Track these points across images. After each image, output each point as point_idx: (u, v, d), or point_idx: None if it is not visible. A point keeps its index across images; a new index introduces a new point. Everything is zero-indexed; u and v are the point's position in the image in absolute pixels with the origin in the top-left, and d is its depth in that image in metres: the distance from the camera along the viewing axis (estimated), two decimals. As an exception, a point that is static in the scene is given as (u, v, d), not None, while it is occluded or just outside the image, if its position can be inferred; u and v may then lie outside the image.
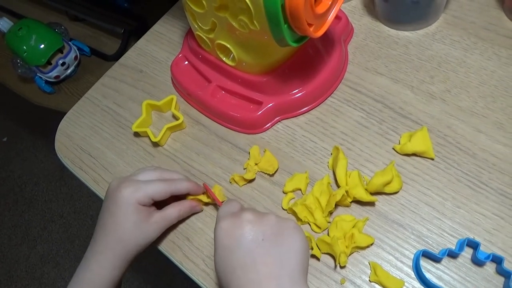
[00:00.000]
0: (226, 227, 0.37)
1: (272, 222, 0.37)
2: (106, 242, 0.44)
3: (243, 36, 0.44)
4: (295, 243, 0.37)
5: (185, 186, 0.47)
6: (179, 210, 0.47)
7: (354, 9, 0.60)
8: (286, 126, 0.53)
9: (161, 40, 0.65)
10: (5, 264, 1.49)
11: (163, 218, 0.46)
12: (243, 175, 0.49)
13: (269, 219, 0.38)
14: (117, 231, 0.43)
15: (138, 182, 0.45)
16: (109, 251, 0.43)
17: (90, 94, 0.63)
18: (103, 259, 0.43)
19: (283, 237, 0.37)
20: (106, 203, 0.45)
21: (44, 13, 1.17)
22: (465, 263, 0.41)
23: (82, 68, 1.04)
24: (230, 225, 0.37)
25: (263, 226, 0.37)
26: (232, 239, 0.37)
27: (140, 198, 0.43)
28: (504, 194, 0.43)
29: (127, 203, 0.43)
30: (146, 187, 0.44)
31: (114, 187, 0.45)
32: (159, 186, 0.45)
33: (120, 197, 0.43)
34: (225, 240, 0.37)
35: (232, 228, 0.37)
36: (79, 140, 0.59)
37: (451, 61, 0.52)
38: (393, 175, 0.44)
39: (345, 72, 0.55)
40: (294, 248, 0.36)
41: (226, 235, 0.37)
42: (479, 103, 0.49)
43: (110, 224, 0.44)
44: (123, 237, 0.43)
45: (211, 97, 0.53)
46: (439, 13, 0.55)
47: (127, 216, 0.43)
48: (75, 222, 1.51)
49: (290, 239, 0.37)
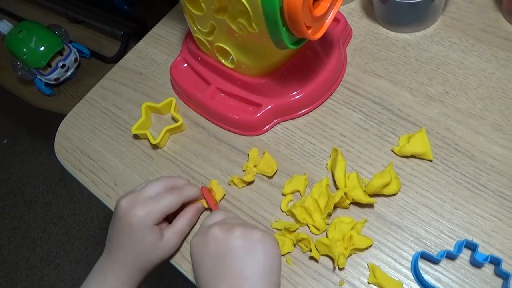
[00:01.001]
0: (197, 242, 0.41)
1: (237, 235, 0.39)
2: (124, 260, 0.44)
3: (242, 38, 0.44)
4: (259, 255, 0.38)
5: (193, 192, 0.47)
6: (188, 220, 0.47)
7: (353, 11, 0.60)
8: (285, 128, 0.53)
9: (160, 42, 0.66)
10: (5, 266, 1.49)
11: (174, 234, 0.45)
12: (242, 177, 0.49)
13: (233, 233, 0.39)
14: (135, 251, 0.44)
15: (150, 201, 0.44)
16: (127, 267, 0.44)
17: (89, 96, 0.63)
18: (120, 273, 0.44)
19: (249, 252, 0.38)
20: (120, 225, 0.44)
21: (44, 16, 1.17)
22: (463, 264, 0.41)
23: (82, 70, 1.04)
24: (200, 241, 0.40)
25: (227, 242, 0.39)
26: (200, 254, 0.40)
27: (155, 219, 0.44)
28: (503, 195, 0.43)
29: (143, 225, 0.43)
30: (159, 206, 0.44)
31: (126, 209, 0.44)
32: (170, 201, 0.45)
33: (136, 220, 0.43)
34: (195, 255, 0.41)
35: (201, 243, 0.40)
36: (78, 142, 0.59)
37: (450, 63, 0.52)
38: (392, 177, 0.44)
39: (344, 74, 0.55)
40: (257, 261, 0.38)
41: (196, 250, 0.41)
42: (477, 105, 0.49)
43: (127, 245, 0.44)
44: (141, 256, 0.44)
45: (210, 99, 0.54)
46: (437, 15, 0.55)
47: (143, 238, 0.43)
48: (75, 224, 1.51)
49: (257, 254, 0.38)
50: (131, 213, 0.43)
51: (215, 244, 0.39)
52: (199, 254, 0.40)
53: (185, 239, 0.47)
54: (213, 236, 0.39)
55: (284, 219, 0.47)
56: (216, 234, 0.39)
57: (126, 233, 0.44)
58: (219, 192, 0.49)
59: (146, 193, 0.45)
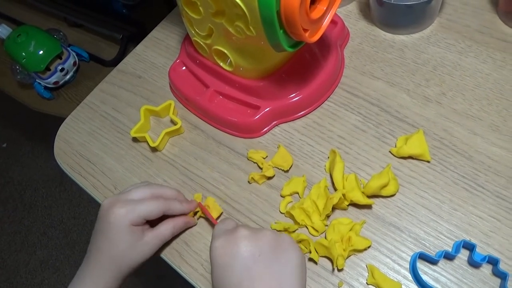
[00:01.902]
0: (221, 245, 0.37)
1: (269, 237, 0.37)
2: (100, 262, 0.43)
3: (240, 41, 0.45)
4: (293, 258, 0.36)
5: (178, 208, 0.46)
6: (172, 227, 0.46)
7: (350, 13, 0.61)
8: (284, 130, 0.53)
9: (159, 46, 0.66)
10: (5, 270, 1.48)
11: (156, 237, 0.45)
12: (264, 173, 0.49)
13: (265, 234, 0.37)
14: (111, 252, 0.43)
15: (131, 202, 0.44)
16: (103, 270, 0.43)
17: (88, 100, 0.63)
18: (97, 278, 0.43)
19: (281, 253, 0.36)
20: (99, 225, 0.44)
21: (43, 20, 1.17)
22: (461, 265, 0.41)
23: (81, 74, 1.04)
24: (225, 243, 0.37)
25: (259, 241, 0.36)
26: (227, 257, 0.36)
27: (133, 220, 0.43)
28: (500, 196, 0.43)
29: (119, 224, 0.43)
30: (139, 208, 0.43)
31: (106, 208, 0.44)
32: (152, 206, 0.44)
33: (113, 218, 0.43)
34: (220, 258, 0.36)
35: (227, 245, 0.37)
36: (78, 146, 0.59)
37: (447, 64, 0.53)
38: (390, 178, 0.45)
39: (342, 76, 0.55)
40: (292, 264, 0.36)
41: (221, 253, 0.37)
42: (474, 105, 0.49)
43: (104, 245, 0.43)
44: (116, 258, 0.43)
45: (208, 102, 0.54)
46: (434, 17, 0.56)
47: (120, 237, 0.43)
48: (75, 227, 1.51)
49: (288, 255, 0.36)
50: (110, 212, 0.43)
51: (247, 244, 0.36)
52: (227, 256, 0.36)
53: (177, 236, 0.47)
54: (243, 237, 0.37)
55: (283, 221, 0.47)
56: (247, 235, 0.37)
57: (104, 232, 0.43)
58: (215, 210, 0.49)
59: (130, 195, 0.45)
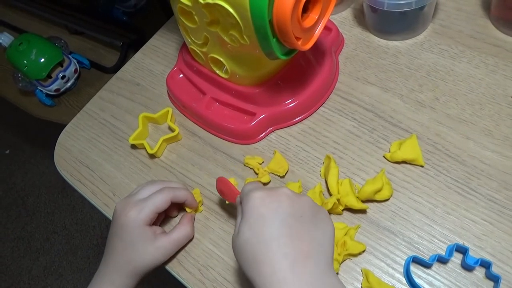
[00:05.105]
0: (261, 197, 0.35)
1: (310, 202, 0.36)
2: (117, 262, 0.45)
3: (235, 49, 0.45)
4: (329, 230, 0.36)
5: (183, 193, 0.48)
6: (185, 231, 0.48)
7: (345, 20, 0.61)
8: (279, 136, 0.54)
9: (157, 53, 0.67)
10: (8, 276, 1.49)
11: (171, 243, 0.47)
12: (259, 179, 0.49)
13: (306, 199, 0.37)
14: (126, 253, 0.45)
15: (140, 202, 0.46)
16: (120, 271, 0.45)
17: (88, 107, 0.64)
18: (115, 277, 0.45)
19: (320, 221, 0.36)
20: (114, 228, 0.46)
21: (45, 27, 1.19)
22: (454, 268, 0.41)
23: (82, 81, 1.06)
24: (266, 196, 0.35)
25: (301, 203, 0.36)
26: (269, 209, 0.35)
27: (145, 218, 0.45)
28: (493, 199, 0.44)
29: (133, 226, 0.45)
30: (148, 204, 0.45)
31: (119, 212, 0.46)
32: (159, 198, 0.46)
33: (126, 221, 0.45)
34: (262, 208, 0.35)
35: (268, 199, 0.35)
36: (77, 153, 0.60)
37: (440, 69, 0.53)
38: (384, 182, 0.45)
39: (336, 82, 0.56)
40: (328, 234, 0.36)
41: (263, 204, 0.35)
42: (467, 110, 0.50)
43: (119, 247, 0.45)
44: (131, 258, 0.45)
45: (205, 109, 0.55)
46: (427, 23, 0.56)
47: (134, 238, 0.45)
48: (78, 233, 1.52)
49: (325, 225, 0.36)
50: (123, 214, 0.45)
51: (290, 203, 0.35)
52: (268, 208, 0.35)
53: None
54: (286, 195, 0.36)
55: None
56: (290, 194, 0.36)
57: (118, 234, 0.45)
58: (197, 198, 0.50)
59: (139, 196, 0.47)
